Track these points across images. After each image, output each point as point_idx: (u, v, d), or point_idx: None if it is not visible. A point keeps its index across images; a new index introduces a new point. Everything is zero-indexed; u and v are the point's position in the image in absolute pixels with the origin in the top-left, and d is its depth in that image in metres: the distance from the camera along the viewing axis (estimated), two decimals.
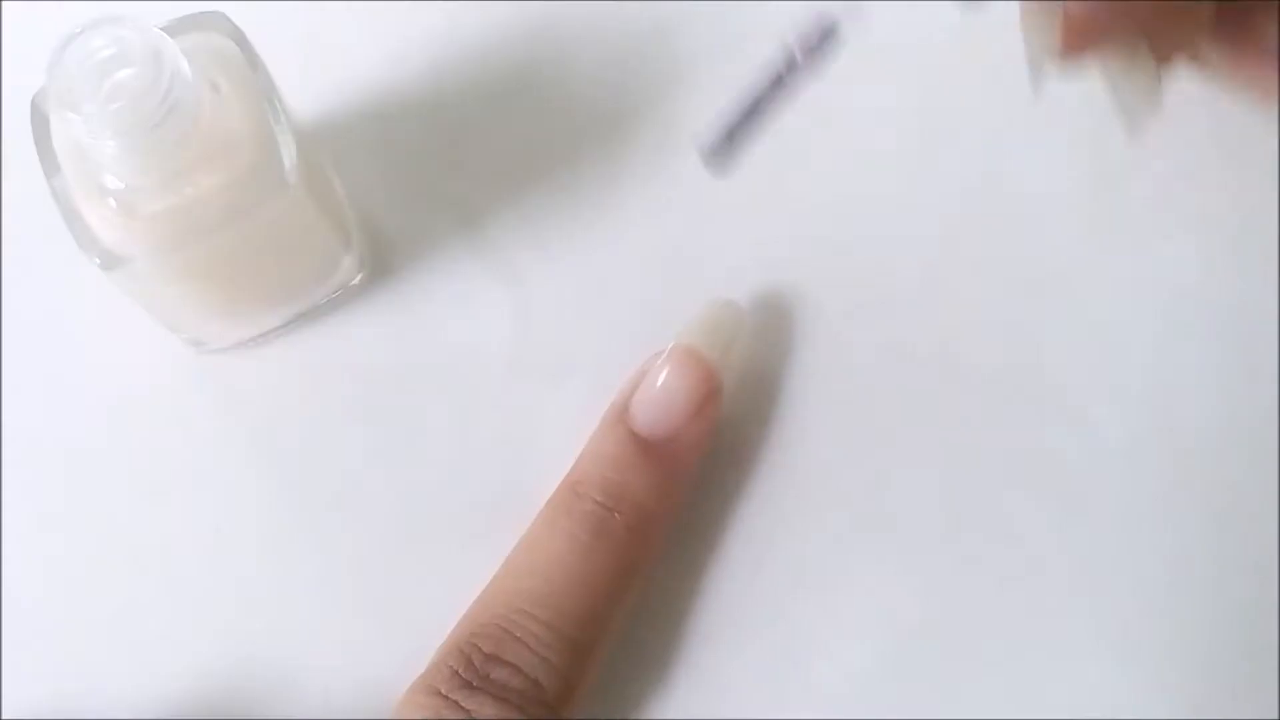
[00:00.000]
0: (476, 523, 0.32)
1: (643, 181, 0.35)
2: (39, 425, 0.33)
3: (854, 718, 0.31)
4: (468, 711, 0.28)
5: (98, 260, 0.28)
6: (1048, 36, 0.21)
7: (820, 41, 0.23)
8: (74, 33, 0.26)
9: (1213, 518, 0.32)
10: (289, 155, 0.29)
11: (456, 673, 0.28)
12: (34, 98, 0.29)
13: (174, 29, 0.28)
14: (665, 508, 0.31)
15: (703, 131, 0.26)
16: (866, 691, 0.31)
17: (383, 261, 0.35)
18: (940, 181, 0.35)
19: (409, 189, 0.35)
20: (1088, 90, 0.29)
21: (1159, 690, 0.31)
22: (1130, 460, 0.33)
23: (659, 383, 0.31)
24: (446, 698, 0.28)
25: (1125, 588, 0.32)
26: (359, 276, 0.34)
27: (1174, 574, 0.32)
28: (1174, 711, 0.31)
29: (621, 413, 0.31)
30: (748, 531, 0.33)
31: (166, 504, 0.33)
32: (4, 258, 0.34)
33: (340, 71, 0.36)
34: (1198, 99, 0.34)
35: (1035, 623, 0.32)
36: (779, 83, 0.23)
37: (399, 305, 0.34)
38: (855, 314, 0.34)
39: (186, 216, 0.28)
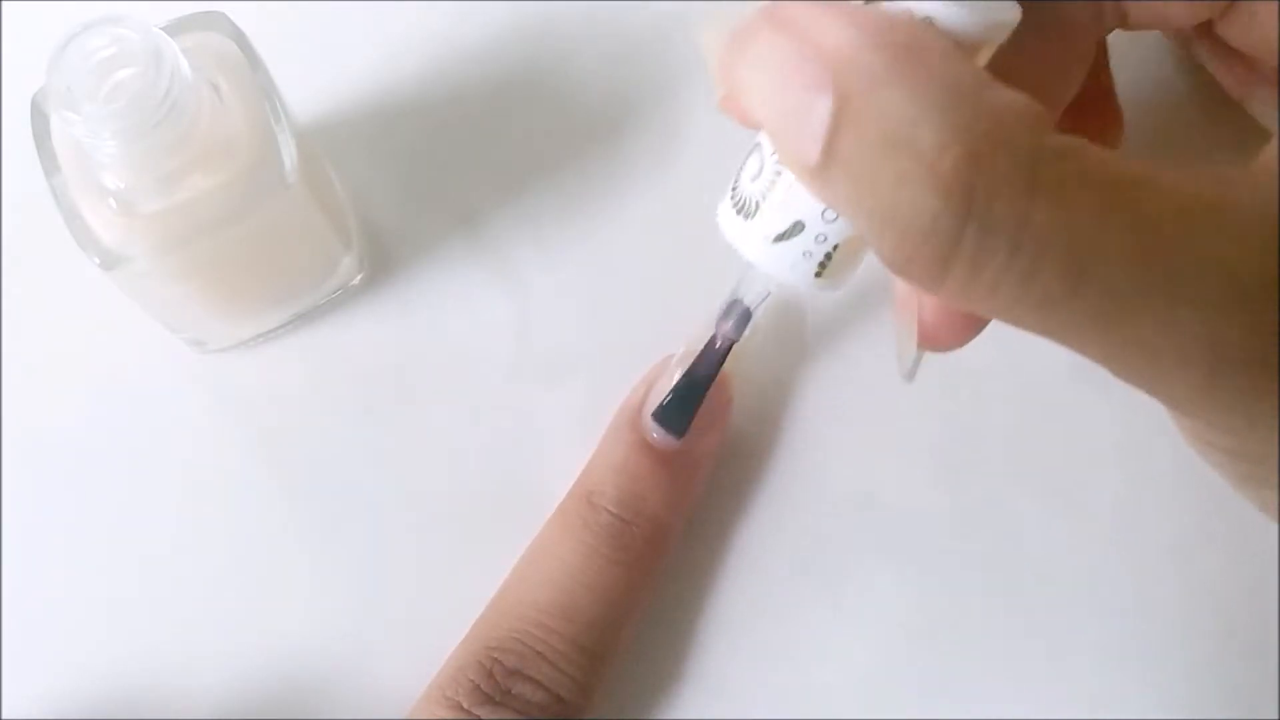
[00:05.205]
0: (478, 523, 0.32)
1: (643, 181, 0.35)
2: (39, 425, 0.33)
3: (856, 718, 0.31)
4: None
5: (98, 260, 0.28)
6: (910, 341, 0.26)
7: (740, 326, 0.28)
8: (74, 33, 0.26)
9: (1213, 518, 0.32)
10: (289, 155, 0.29)
11: (478, 686, 0.28)
12: (34, 98, 0.29)
13: (174, 29, 0.28)
14: (678, 518, 0.31)
15: (657, 404, 0.30)
16: (869, 692, 0.31)
17: (383, 261, 0.35)
18: None
19: (409, 189, 0.35)
20: None
21: (1159, 690, 0.31)
22: (1130, 459, 0.33)
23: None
24: (469, 712, 0.28)
25: (1126, 588, 0.32)
26: (359, 276, 0.34)
27: (1174, 574, 0.32)
28: (1174, 711, 0.31)
29: (633, 420, 0.31)
30: (752, 533, 0.33)
31: (167, 504, 0.33)
32: (4, 258, 0.34)
33: (340, 71, 0.36)
34: (1193, 100, 0.34)
35: (1036, 623, 0.32)
36: (717, 360, 0.29)
37: (399, 305, 0.34)
38: (858, 316, 0.34)
39: (186, 216, 0.28)
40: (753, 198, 0.22)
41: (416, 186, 0.35)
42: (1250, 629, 0.32)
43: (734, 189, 0.23)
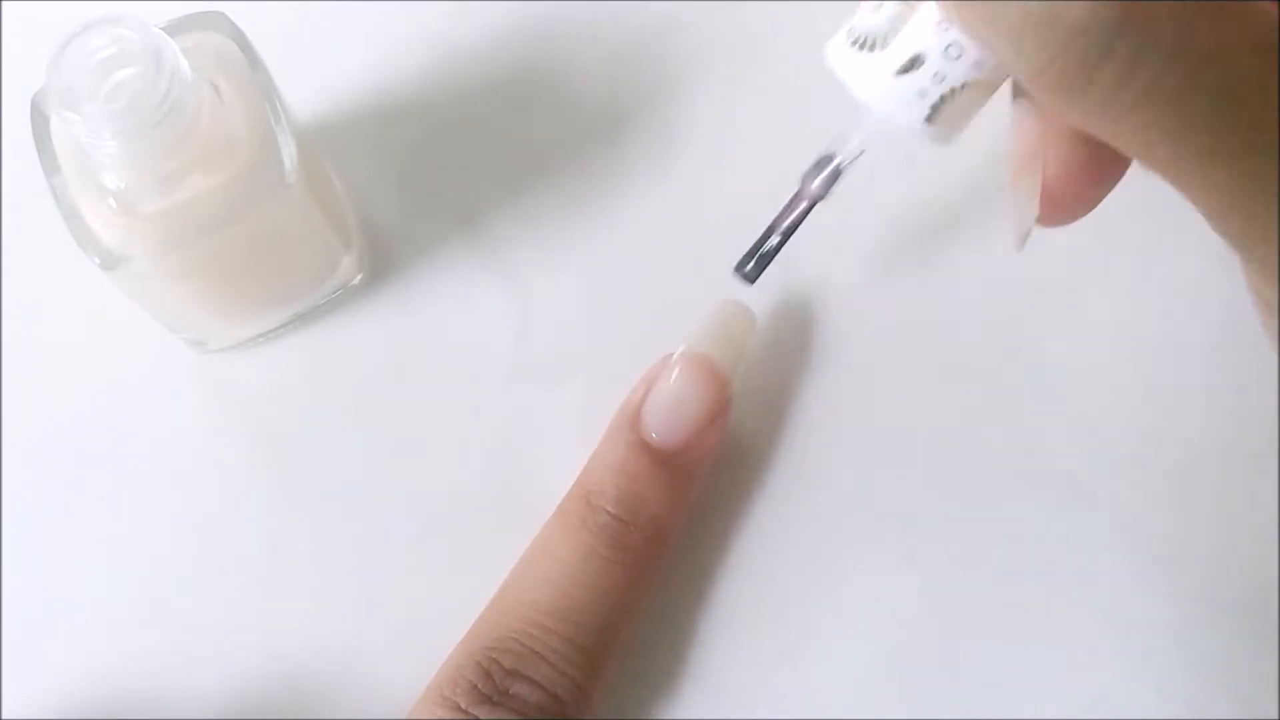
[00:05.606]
0: (478, 523, 0.32)
1: (643, 181, 0.35)
2: (39, 425, 0.33)
3: (856, 718, 0.31)
4: None
5: (98, 260, 0.28)
6: (1030, 206, 0.25)
7: (829, 183, 0.26)
8: (74, 33, 0.26)
9: (1213, 518, 0.32)
10: (289, 155, 0.29)
11: (476, 687, 0.28)
12: (34, 98, 0.29)
13: (174, 29, 0.28)
14: (677, 518, 0.31)
15: (738, 257, 0.29)
16: (869, 692, 0.31)
17: (383, 261, 0.35)
18: (943, 183, 0.35)
19: (409, 189, 0.35)
20: None
21: (1160, 690, 0.31)
22: (1130, 460, 0.33)
23: (672, 392, 0.31)
24: (466, 712, 0.28)
25: (1126, 589, 0.32)
26: (359, 276, 0.34)
27: (1174, 574, 0.32)
28: (1174, 711, 0.31)
29: (632, 419, 0.31)
30: (751, 533, 0.32)
31: (166, 504, 0.33)
32: (4, 258, 0.34)
33: (340, 71, 0.36)
34: None
35: (1036, 623, 0.32)
36: (798, 217, 0.28)
37: (399, 305, 0.34)
38: (858, 315, 0.34)
39: (186, 216, 0.28)
40: (870, 30, 0.22)
41: (416, 186, 0.35)
42: (1250, 629, 0.32)
43: (850, 25, 0.22)
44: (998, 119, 0.29)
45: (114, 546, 0.32)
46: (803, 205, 0.27)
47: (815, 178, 0.26)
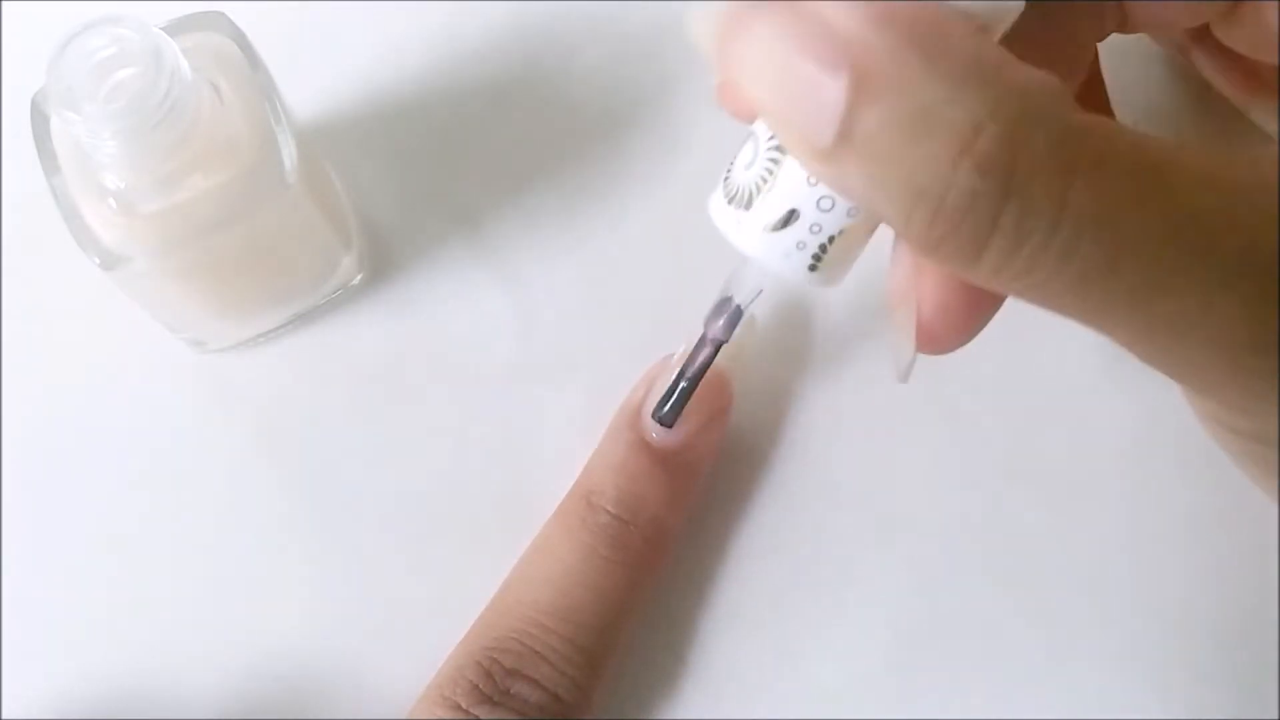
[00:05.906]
0: (478, 524, 0.32)
1: (643, 181, 0.35)
2: (39, 425, 0.33)
3: (856, 718, 0.31)
4: None
5: (98, 260, 0.28)
6: (908, 339, 0.25)
7: (731, 326, 0.27)
8: (74, 33, 0.26)
9: (1213, 517, 0.32)
10: (289, 155, 0.29)
11: (476, 686, 0.28)
12: (34, 98, 0.29)
13: (174, 29, 0.28)
14: (677, 517, 0.31)
15: (655, 403, 0.30)
16: (870, 692, 0.31)
17: (383, 261, 0.35)
18: None
19: (409, 189, 0.35)
20: None
21: (1160, 691, 0.31)
22: (1130, 460, 0.33)
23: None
24: (467, 712, 0.28)
25: (1126, 588, 0.32)
26: (359, 276, 0.34)
27: (1174, 574, 0.32)
28: (1174, 711, 0.31)
29: (632, 419, 0.31)
30: (752, 533, 0.33)
31: (166, 504, 0.33)
32: (4, 258, 0.34)
33: (340, 71, 0.36)
34: (1185, 105, 0.34)
35: (1036, 624, 0.32)
36: (705, 360, 0.28)
37: (399, 305, 0.34)
38: (861, 316, 0.34)
39: (186, 216, 0.28)
40: (746, 186, 0.22)
41: (416, 186, 0.35)
42: (1251, 629, 0.32)
43: (726, 179, 0.23)
44: None
45: (114, 546, 0.32)
46: (707, 350, 0.28)
47: (717, 321, 0.27)
